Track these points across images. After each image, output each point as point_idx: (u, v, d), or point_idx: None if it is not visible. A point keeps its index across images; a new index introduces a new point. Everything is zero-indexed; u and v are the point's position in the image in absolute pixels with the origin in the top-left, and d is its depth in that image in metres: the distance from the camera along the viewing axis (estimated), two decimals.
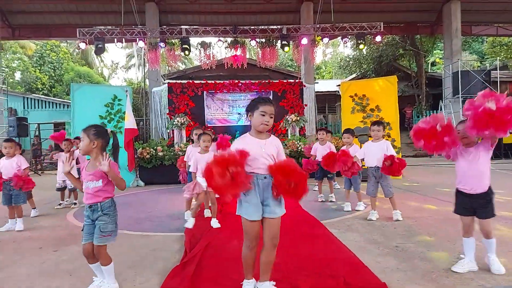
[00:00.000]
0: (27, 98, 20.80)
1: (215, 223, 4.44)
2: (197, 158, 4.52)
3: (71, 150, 6.13)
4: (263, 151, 2.35)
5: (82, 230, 2.59)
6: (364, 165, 5.07)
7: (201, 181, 4.47)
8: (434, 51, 24.45)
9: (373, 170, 4.75)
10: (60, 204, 6.31)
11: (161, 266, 3.11)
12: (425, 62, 22.76)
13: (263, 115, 2.37)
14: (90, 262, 2.58)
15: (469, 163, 2.81)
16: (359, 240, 3.73)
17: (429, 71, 24.20)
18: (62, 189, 6.38)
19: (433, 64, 27.01)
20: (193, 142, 5.65)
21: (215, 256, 3.29)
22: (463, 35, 15.78)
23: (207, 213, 5.08)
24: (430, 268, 2.91)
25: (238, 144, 2.39)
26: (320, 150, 6.14)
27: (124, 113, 9.01)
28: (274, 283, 2.43)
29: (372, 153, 4.75)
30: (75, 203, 6.32)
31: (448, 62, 15.00)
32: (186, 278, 2.68)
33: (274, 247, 2.38)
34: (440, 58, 23.26)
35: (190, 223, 4.32)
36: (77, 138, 6.59)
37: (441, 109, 15.54)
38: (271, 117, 2.39)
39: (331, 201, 6.10)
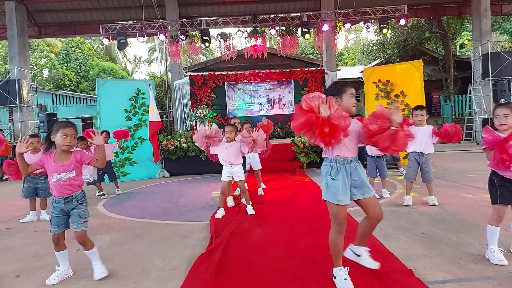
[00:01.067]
0: (56, 94, 21.56)
1: (250, 210, 4.61)
2: (223, 147, 4.70)
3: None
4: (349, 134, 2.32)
5: (50, 221, 2.75)
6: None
7: (225, 173, 4.68)
8: (463, 33, 23.38)
9: (416, 155, 4.69)
10: (104, 194, 6.53)
11: (188, 253, 3.19)
12: (453, 45, 21.84)
13: (352, 97, 2.44)
14: (57, 249, 2.77)
15: None
16: (385, 227, 3.69)
17: (457, 53, 23.23)
18: (92, 183, 6.61)
19: (461, 46, 25.86)
20: None
21: (240, 243, 3.36)
22: (492, 14, 15.00)
23: (230, 202, 5.17)
24: (458, 254, 2.86)
25: None
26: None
27: (148, 106, 9.18)
28: (369, 249, 2.60)
29: (417, 138, 4.35)
30: (103, 194, 6.55)
31: (477, 44, 14.35)
32: (212, 264, 2.75)
33: (378, 222, 2.48)
34: (469, 40, 22.26)
35: (219, 213, 4.50)
36: (104, 131, 6.88)
37: (470, 93, 14.99)
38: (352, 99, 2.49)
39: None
